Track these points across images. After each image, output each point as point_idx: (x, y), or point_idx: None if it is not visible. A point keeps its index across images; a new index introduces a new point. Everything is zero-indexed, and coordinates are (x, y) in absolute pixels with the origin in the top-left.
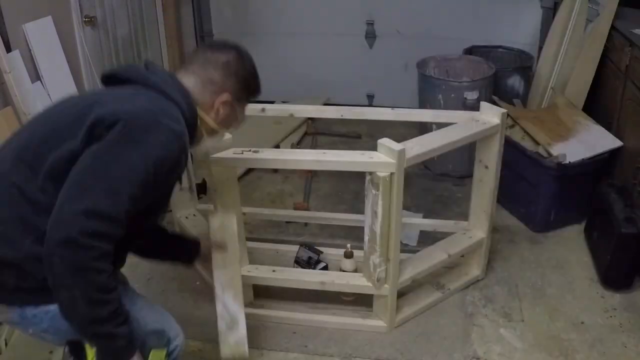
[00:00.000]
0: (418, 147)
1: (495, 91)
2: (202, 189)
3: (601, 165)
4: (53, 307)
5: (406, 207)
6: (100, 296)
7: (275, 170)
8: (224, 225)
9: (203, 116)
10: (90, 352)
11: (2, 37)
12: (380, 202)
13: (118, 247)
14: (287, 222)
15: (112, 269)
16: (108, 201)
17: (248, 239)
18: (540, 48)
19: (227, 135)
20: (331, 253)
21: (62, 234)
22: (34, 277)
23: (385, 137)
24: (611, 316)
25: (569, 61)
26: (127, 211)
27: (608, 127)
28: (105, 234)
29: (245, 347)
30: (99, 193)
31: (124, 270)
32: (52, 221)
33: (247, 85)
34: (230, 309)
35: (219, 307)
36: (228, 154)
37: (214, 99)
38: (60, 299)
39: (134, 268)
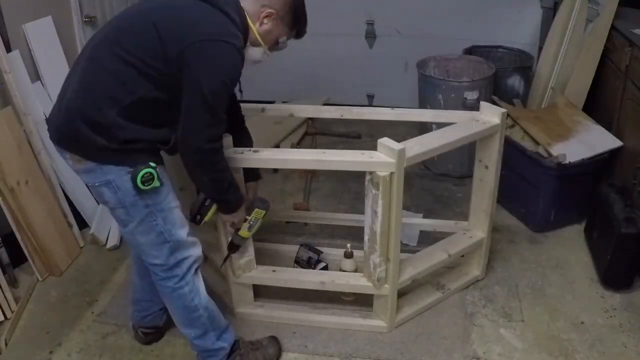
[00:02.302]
0: (418, 146)
1: (495, 91)
2: None
3: (601, 165)
4: (119, 168)
5: (406, 207)
6: (218, 175)
7: (275, 170)
8: None
9: (249, 24)
10: (212, 209)
11: (2, 37)
12: (380, 202)
13: None
14: (287, 222)
15: (223, 155)
16: (215, 122)
17: None
18: (540, 48)
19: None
20: (331, 253)
21: (193, 148)
22: (116, 140)
23: (385, 137)
24: (611, 316)
25: (569, 61)
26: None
27: (608, 127)
28: (218, 138)
29: (254, 263)
30: (207, 120)
31: None
32: (182, 140)
33: (294, 10)
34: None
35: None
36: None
37: (261, 11)
38: (196, 183)
39: None
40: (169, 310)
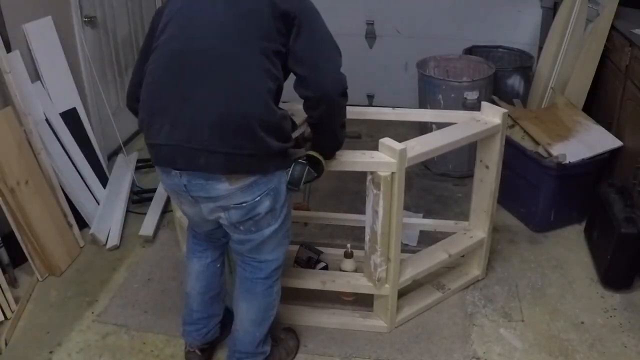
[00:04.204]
0: (419, 146)
1: (495, 91)
2: None
3: (601, 165)
4: (280, 172)
5: (406, 207)
6: (344, 120)
7: None
8: None
9: None
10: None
11: (2, 37)
12: (381, 202)
13: None
14: None
15: None
16: (340, 56)
17: None
18: (540, 48)
19: None
20: (331, 253)
21: (340, 89)
22: (287, 136)
23: (386, 137)
24: (611, 316)
25: (569, 61)
26: None
27: (608, 127)
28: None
29: None
30: (336, 54)
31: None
32: (328, 83)
33: None
34: None
35: None
36: None
37: None
38: (329, 137)
39: (134, 267)
40: (244, 309)
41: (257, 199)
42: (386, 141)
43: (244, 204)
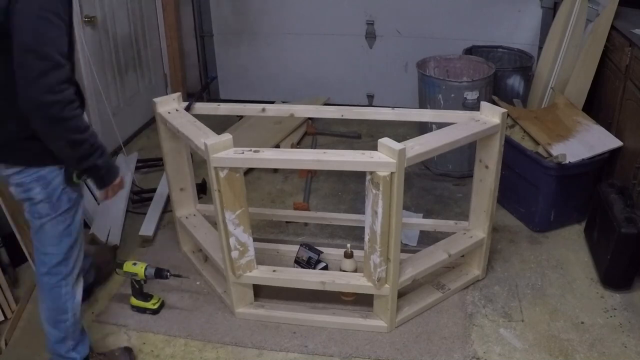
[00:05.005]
0: (418, 146)
1: (495, 91)
2: (202, 189)
3: (601, 165)
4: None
5: (406, 207)
6: (78, 137)
7: (275, 170)
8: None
9: None
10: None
11: None
12: (380, 202)
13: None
14: (287, 222)
15: (82, 112)
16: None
17: None
18: (540, 48)
19: (228, 136)
20: (331, 253)
21: (32, 104)
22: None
23: (385, 137)
24: (611, 316)
25: (569, 61)
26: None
27: (608, 127)
28: (59, 86)
29: (254, 263)
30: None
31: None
32: (19, 99)
33: None
34: (241, 239)
35: (232, 241)
36: (229, 153)
37: None
38: (53, 148)
39: None
40: (40, 306)
41: (27, 181)
42: (385, 141)
43: (19, 182)
